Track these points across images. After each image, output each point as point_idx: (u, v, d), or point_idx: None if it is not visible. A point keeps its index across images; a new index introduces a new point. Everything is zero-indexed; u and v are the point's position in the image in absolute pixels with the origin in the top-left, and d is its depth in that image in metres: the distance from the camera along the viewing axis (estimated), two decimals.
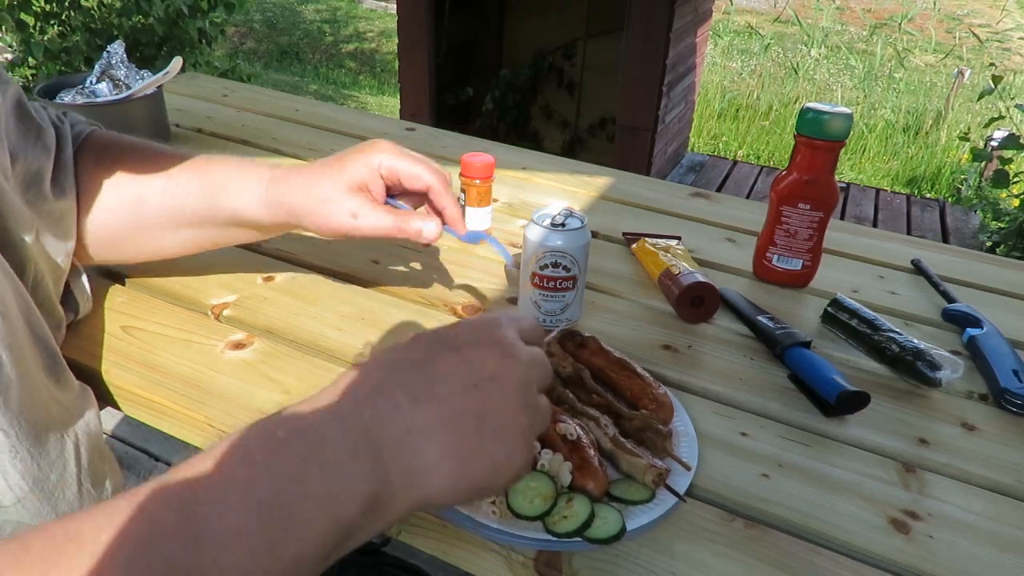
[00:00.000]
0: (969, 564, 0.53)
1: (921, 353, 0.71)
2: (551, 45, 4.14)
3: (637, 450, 0.57)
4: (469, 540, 0.53)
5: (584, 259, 0.74)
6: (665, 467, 0.55)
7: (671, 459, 0.58)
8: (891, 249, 1.02)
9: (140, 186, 0.68)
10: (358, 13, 8.05)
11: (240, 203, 0.66)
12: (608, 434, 0.58)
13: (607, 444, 0.58)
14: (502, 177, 1.11)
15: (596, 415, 0.60)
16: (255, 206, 0.66)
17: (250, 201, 0.66)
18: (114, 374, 0.67)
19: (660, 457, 0.58)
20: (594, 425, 0.59)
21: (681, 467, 0.58)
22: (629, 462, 0.56)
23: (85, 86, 1.12)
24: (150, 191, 0.68)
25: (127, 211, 0.68)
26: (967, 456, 0.64)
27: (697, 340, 0.78)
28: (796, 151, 0.84)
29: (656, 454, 0.58)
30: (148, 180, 0.68)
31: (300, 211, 0.64)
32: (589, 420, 0.59)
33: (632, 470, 0.56)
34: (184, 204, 0.67)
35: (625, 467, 0.56)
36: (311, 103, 1.49)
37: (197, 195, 0.67)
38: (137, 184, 0.68)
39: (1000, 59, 6.87)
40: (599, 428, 0.59)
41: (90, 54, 3.12)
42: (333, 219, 0.64)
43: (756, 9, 8.06)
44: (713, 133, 5.43)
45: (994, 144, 3.36)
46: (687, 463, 0.58)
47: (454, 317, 0.79)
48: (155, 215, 0.68)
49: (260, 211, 0.66)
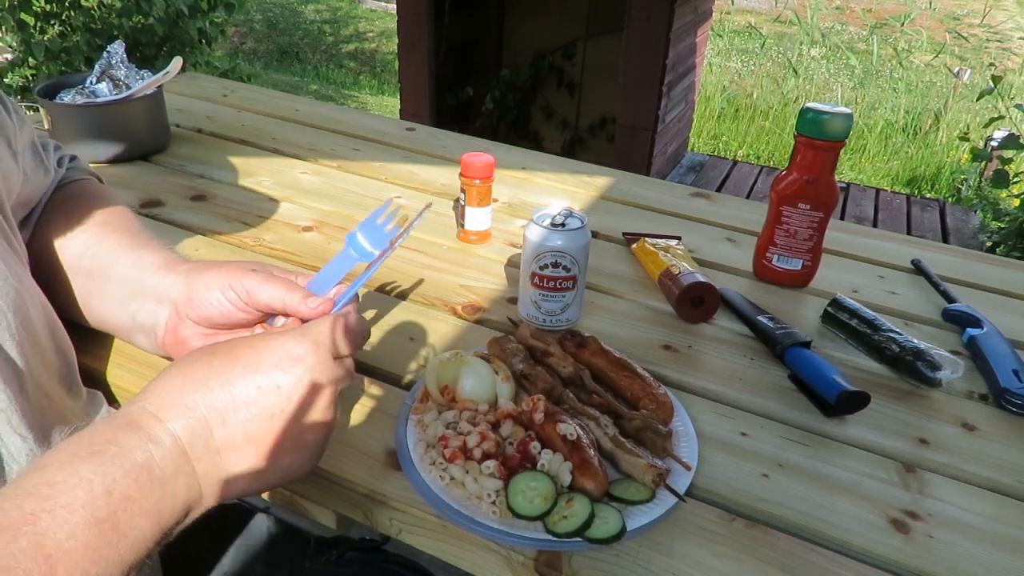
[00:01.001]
0: (969, 564, 0.53)
1: (921, 353, 0.71)
2: (551, 45, 4.14)
3: (637, 450, 0.57)
4: (469, 540, 0.53)
5: (584, 259, 0.74)
6: (665, 467, 0.55)
7: (671, 459, 0.58)
8: (891, 249, 1.02)
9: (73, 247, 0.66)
10: (359, 13, 8.04)
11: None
12: (608, 434, 0.58)
13: (607, 444, 0.58)
14: (502, 177, 1.11)
15: (596, 415, 0.60)
16: (159, 270, 0.63)
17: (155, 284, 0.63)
18: (115, 374, 0.67)
19: (660, 457, 0.58)
20: (594, 425, 0.59)
21: (681, 467, 0.58)
22: (629, 462, 0.56)
23: (85, 86, 1.12)
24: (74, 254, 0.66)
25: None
26: (967, 456, 0.64)
27: (697, 340, 0.78)
28: (796, 151, 0.84)
29: (656, 454, 0.58)
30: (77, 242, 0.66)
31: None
32: (589, 420, 0.60)
33: (632, 470, 0.56)
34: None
35: (625, 467, 0.56)
36: (311, 103, 1.49)
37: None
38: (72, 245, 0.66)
39: (1000, 59, 6.87)
40: (599, 428, 0.59)
41: (90, 54, 3.12)
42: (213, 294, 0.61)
43: (756, 9, 8.06)
44: (713, 133, 5.43)
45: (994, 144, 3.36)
46: (687, 463, 0.58)
47: (454, 317, 0.79)
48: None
49: (160, 275, 0.63)
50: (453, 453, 0.55)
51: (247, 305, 0.59)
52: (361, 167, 1.17)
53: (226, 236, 0.92)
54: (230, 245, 0.91)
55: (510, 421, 0.58)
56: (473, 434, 0.56)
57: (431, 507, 0.53)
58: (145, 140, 1.15)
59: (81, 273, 0.65)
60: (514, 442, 0.57)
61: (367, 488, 0.56)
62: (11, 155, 0.59)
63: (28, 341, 0.48)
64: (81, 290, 0.65)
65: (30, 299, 0.50)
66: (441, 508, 0.53)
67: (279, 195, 1.05)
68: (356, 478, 0.57)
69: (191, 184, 1.07)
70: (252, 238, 0.92)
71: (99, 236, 0.66)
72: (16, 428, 0.46)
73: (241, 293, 0.59)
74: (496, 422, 0.58)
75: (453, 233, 0.97)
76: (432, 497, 0.53)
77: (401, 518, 0.56)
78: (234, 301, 0.59)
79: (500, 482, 0.53)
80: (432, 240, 0.95)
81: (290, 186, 1.08)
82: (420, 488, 0.54)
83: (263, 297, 0.58)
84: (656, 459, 0.57)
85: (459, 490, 0.54)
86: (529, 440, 0.56)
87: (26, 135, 0.64)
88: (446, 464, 0.55)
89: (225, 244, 0.91)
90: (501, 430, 0.58)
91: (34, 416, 0.47)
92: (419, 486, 0.55)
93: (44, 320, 0.52)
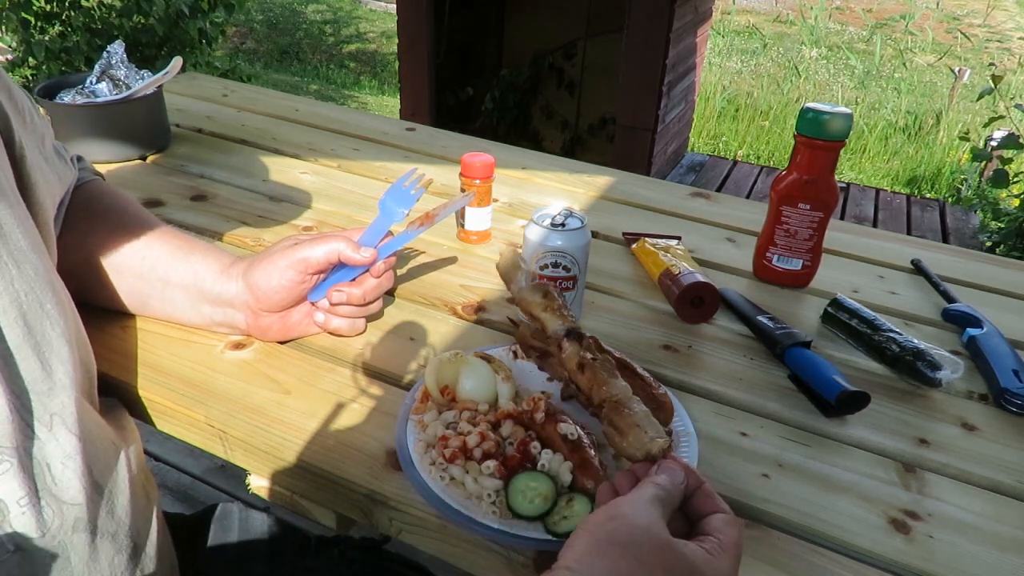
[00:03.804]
0: (969, 564, 0.53)
1: (921, 353, 0.71)
2: (551, 45, 4.14)
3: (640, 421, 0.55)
4: (469, 540, 0.53)
5: (584, 259, 0.74)
6: (668, 440, 0.52)
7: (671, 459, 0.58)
8: (891, 249, 1.02)
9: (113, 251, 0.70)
10: (360, 14, 8.05)
11: (206, 274, 0.69)
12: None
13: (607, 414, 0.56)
14: (502, 177, 1.11)
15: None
16: (218, 279, 0.69)
17: (213, 273, 0.69)
18: (115, 374, 0.67)
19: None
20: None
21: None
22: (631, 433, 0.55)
23: (85, 86, 1.12)
24: (121, 257, 0.70)
25: (92, 265, 0.70)
26: (967, 456, 0.64)
27: (697, 340, 0.78)
28: (796, 151, 0.84)
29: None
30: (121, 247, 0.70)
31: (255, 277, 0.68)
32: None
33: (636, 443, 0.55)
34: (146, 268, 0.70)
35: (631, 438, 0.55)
36: (311, 103, 1.49)
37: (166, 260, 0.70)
38: (110, 248, 0.70)
39: (1000, 59, 6.87)
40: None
41: (90, 54, 3.12)
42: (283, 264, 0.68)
43: (756, 9, 8.06)
44: (713, 133, 5.43)
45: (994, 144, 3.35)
46: (687, 463, 0.58)
47: (454, 317, 0.79)
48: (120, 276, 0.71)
49: (220, 282, 0.69)
50: (453, 453, 0.55)
51: (305, 275, 0.68)
52: (361, 167, 1.17)
53: (226, 236, 0.92)
54: (230, 245, 0.91)
55: (510, 421, 0.58)
56: (473, 434, 0.56)
57: (431, 507, 0.53)
58: (145, 140, 1.15)
59: (130, 274, 0.70)
60: (514, 442, 0.57)
61: (367, 488, 0.56)
62: (44, 160, 0.60)
63: (72, 349, 0.50)
64: (133, 289, 0.70)
65: (69, 310, 0.52)
66: (441, 508, 0.53)
67: (279, 195, 1.05)
68: (356, 478, 0.57)
69: (191, 184, 1.07)
70: (252, 238, 0.92)
71: (147, 240, 0.70)
72: (71, 429, 0.47)
73: (298, 268, 0.67)
74: (496, 422, 0.58)
75: (453, 233, 0.97)
76: (432, 497, 0.53)
77: (401, 518, 0.56)
78: (293, 279, 0.67)
79: (500, 482, 0.53)
80: (432, 240, 0.95)
81: (290, 186, 1.08)
82: (420, 488, 0.54)
83: (320, 259, 0.67)
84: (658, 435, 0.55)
85: (459, 490, 0.54)
86: (529, 440, 0.56)
87: (49, 135, 0.65)
88: (446, 464, 0.55)
89: (225, 244, 0.91)
90: (501, 430, 0.58)
91: (81, 422, 0.49)
92: (419, 486, 0.55)
93: (75, 331, 0.53)
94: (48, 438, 0.46)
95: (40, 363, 0.46)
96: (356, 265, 0.69)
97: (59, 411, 0.47)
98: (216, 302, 0.69)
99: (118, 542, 0.51)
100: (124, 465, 0.53)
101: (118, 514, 0.51)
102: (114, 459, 0.52)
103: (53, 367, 0.47)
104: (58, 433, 0.46)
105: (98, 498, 0.49)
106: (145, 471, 0.58)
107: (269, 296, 0.67)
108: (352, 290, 0.70)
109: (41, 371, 0.46)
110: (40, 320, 0.47)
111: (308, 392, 0.66)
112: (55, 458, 0.46)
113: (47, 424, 0.46)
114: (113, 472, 0.52)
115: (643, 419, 0.51)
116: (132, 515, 0.52)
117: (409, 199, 0.74)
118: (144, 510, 0.55)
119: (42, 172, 0.57)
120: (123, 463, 0.53)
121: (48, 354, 0.47)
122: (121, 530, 0.51)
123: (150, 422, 0.67)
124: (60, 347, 0.48)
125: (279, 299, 0.68)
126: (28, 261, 0.47)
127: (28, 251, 0.47)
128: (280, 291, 0.67)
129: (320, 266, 0.68)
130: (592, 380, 0.56)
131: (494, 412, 0.59)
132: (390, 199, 0.74)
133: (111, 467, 0.52)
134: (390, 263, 0.71)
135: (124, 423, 0.61)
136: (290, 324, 0.71)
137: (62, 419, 0.47)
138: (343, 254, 0.68)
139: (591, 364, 0.56)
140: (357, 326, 0.73)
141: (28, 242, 0.47)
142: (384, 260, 0.70)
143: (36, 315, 0.46)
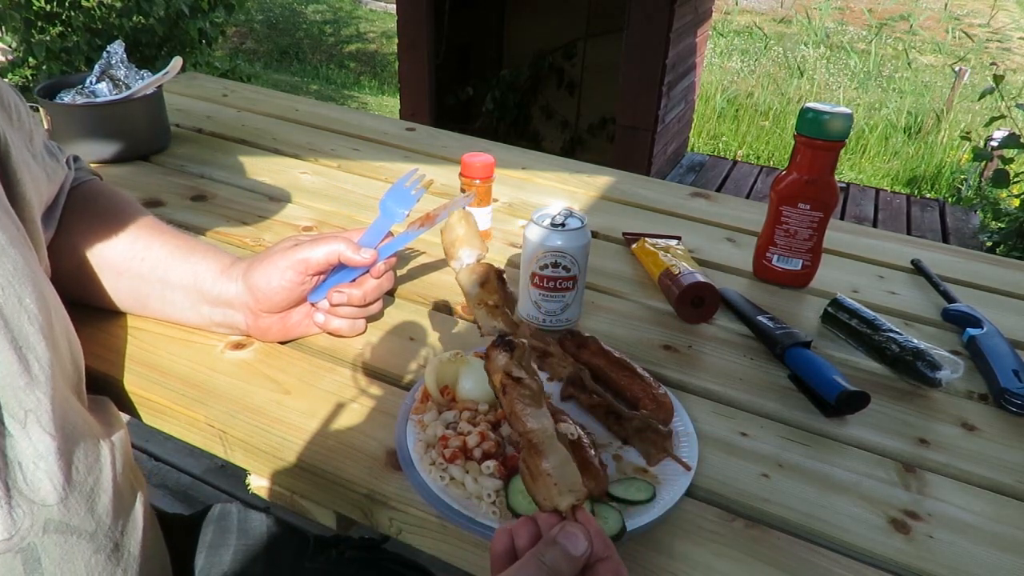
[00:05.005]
0: (969, 564, 0.53)
1: (921, 353, 0.71)
2: (551, 45, 4.14)
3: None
4: (469, 540, 0.53)
5: (584, 259, 0.74)
6: (581, 496, 0.47)
7: (671, 459, 0.58)
8: (891, 249, 1.02)
9: (112, 249, 0.70)
10: (360, 14, 8.05)
11: (205, 273, 0.70)
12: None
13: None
14: (502, 177, 1.11)
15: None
16: (217, 279, 0.70)
17: (213, 272, 0.70)
18: (106, 370, 0.67)
19: (660, 458, 0.58)
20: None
21: (681, 467, 0.58)
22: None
23: (85, 86, 1.12)
24: (120, 255, 0.70)
25: (91, 265, 0.70)
26: (967, 456, 0.64)
27: (697, 340, 0.78)
28: (796, 151, 0.84)
29: (656, 454, 0.58)
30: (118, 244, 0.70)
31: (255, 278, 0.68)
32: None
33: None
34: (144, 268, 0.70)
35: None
36: (311, 103, 1.49)
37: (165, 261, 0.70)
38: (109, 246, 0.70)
39: (1000, 59, 6.86)
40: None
41: (90, 54, 3.12)
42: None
43: (757, 9, 8.06)
44: (713, 133, 5.43)
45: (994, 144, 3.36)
46: (687, 463, 0.58)
47: (454, 317, 0.79)
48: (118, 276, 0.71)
49: (220, 283, 0.69)
50: (453, 453, 0.55)
51: (305, 276, 0.68)
52: (361, 167, 1.17)
53: (226, 236, 0.92)
54: (230, 245, 0.91)
55: None
56: (473, 434, 0.56)
57: (431, 507, 0.53)
58: (145, 140, 1.15)
59: (129, 274, 0.70)
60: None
61: (367, 488, 0.56)
62: (32, 157, 0.60)
63: (53, 345, 0.49)
64: (132, 290, 0.71)
65: (54, 306, 0.51)
66: (441, 508, 0.53)
67: (279, 195, 1.05)
68: (356, 478, 0.57)
69: (191, 184, 1.07)
70: (252, 238, 0.92)
71: (147, 241, 0.70)
72: (46, 427, 0.47)
73: (298, 269, 0.67)
74: (496, 422, 0.58)
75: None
76: (432, 497, 0.53)
77: (401, 518, 0.56)
78: (293, 280, 0.67)
79: (500, 482, 0.53)
80: (433, 240, 0.94)
81: (290, 186, 1.08)
82: (420, 488, 0.54)
83: (320, 260, 0.67)
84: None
85: (459, 490, 0.54)
86: None
87: (39, 134, 0.65)
88: (446, 464, 0.55)
89: (225, 244, 0.91)
90: (501, 430, 0.58)
91: (61, 418, 0.48)
92: (419, 486, 0.55)
93: (63, 328, 0.52)
94: (21, 436, 0.45)
95: (17, 358, 0.45)
96: (356, 266, 0.69)
97: (34, 408, 0.46)
98: (216, 303, 0.69)
99: (96, 542, 0.50)
100: (109, 463, 0.52)
101: (99, 513, 0.50)
102: (98, 457, 0.52)
103: (30, 363, 0.46)
104: (32, 431, 0.46)
105: (76, 497, 0.49)
106: (133, 469, 0.58)
107: (269, 297, 0.67)
108: (352, 291, 0.70)
109: (18, 366, 0.45)
110: (18, 315, 0.46)
111: (308, 392, 0.66)
112: (27, 457, 0.45)
113: (21, 421, 0.45)
114: (96, 470, 0.51)
115: (557, 469, 0.46)
116: (114, 514, 0.52)
117: (409, 200, 0.75)
118: (129, 509, 0.54)
119: (29, 169, 0.57)
120: (107, 461, 0.52)
121: (25, 350, 0.46)
122: (101, 529, 0.50)
123: (150, 422, 0.67)
124: (38, 343, 0.47)
125: (279, 300, 0.68)
126: (6, 255, 0.46)
127: (7, 246, 0.47)
128: (280, 292, 0.67)
129: (320, 267, 0.68)
130: (510, 408, 0.49)
131: (494, 412, 0.59)
132: (390, 199, 0.74)
133: (94, 465, 0.51)
134: (390, 264, 0.71)
135: (112, 420, 0.60)
136: (290, 325, 0.71)
137: (36, 417, 0.46)
138: (343, 255, 0.68)
139: (514, 388, 0.49)
140: (357, 327, 0.73)
141: (6, 237, 0.47)
142: (384, 261, 0.70)
143: (14, 310, 0.46)
